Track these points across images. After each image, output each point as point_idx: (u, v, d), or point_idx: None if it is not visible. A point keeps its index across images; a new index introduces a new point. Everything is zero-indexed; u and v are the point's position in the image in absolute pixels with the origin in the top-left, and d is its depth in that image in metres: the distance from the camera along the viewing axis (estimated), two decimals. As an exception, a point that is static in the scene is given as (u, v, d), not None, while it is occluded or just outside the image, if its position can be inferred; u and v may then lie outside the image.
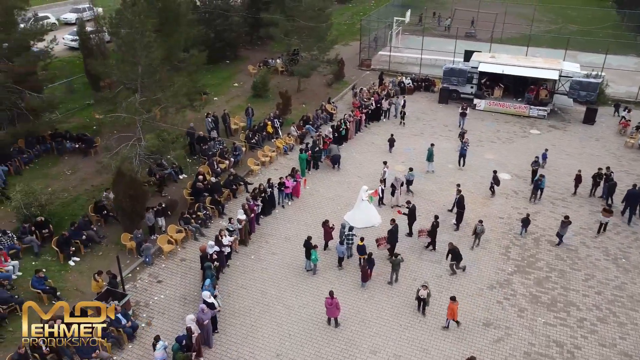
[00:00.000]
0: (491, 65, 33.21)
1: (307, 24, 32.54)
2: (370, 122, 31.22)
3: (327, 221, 19.46)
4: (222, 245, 18.01)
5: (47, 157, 25.50)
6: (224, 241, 18.10)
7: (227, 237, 18.31)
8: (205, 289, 15.88)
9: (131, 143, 19.80)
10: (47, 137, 25.59)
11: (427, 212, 22.59)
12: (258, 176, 25.29)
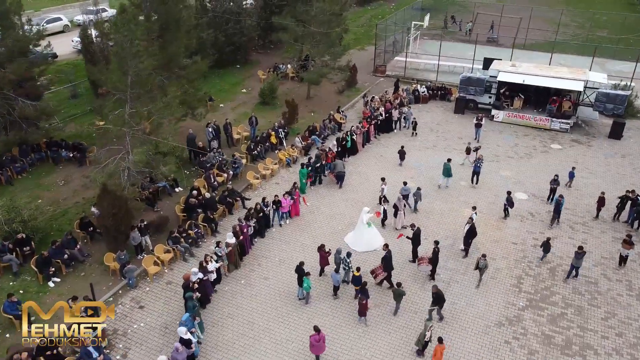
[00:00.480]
0: (511, 74, 31.34)
1: (316, 29, 31.16)
2: (380, 133, 29.70)
3: (322, 246, 18.09)
4: (207, 271, 16.76)
5: (42, 166, 24.74)
6: (210, 267, 16.86)
7: (212, 263, 17.05)
8: (181, 324, 14.65)
9: (119, 157, 18.71)
10: (42, 146, 24.84)
11: (435, 235, 21.03)
12: (258, 190, 24.07)
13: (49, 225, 20.24)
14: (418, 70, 41.16)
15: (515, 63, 32.88)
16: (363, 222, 19.80)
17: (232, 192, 22.44)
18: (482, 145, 28.67)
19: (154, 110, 18.84)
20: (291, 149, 26.66)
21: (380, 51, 42.22)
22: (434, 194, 24.01)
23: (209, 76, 36.91)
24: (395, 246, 19.95)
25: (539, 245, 20.37)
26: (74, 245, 18.71)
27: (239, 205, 22.52)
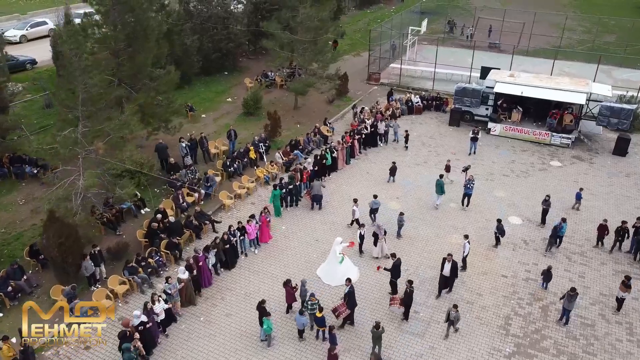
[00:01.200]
0: (509, 85, 29.51)
1: (301, 37, 29.51)
2: (366, 147, 27.97)
3: (289, 281, 16.42)
4: (154, 313, 15.14)
5: (3, 182, 23.21)
6: (156, 308, 15.22)
7: (160, 304, 15.41)
8: None
9: (70, 180, 17.16)
10: (4, 161, 23.36)
11: (418, 265, 19.36)
12: (231, 211, 22.46)
13: (1, 251, 18.72)
14: (414, 78, 39.42)
15: (514, 73, 31.05)
16: (336, 254, 18.14)
17: (201, 215, 20.84)
18: (476, 162, 26.94)
19: (109, 129, 17.23)
20: (270, 166, 24.99)
21: (376, 58, 40.48)
22: (419, 217, 22.29)
23: (194, 84, 35.45)
24: (373, 278, 18.35)
25: (530, 278, 18.65)
26: (21, 275, 17.19)
27: (209, 229, 20.93)
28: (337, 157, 25.25)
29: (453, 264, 17.11)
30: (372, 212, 21.48)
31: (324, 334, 15.74)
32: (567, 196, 23.94)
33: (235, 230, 18.91)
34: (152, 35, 21.81)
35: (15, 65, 33.13)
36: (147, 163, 22.41)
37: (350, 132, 27.16)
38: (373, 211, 21.42)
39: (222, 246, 18.03)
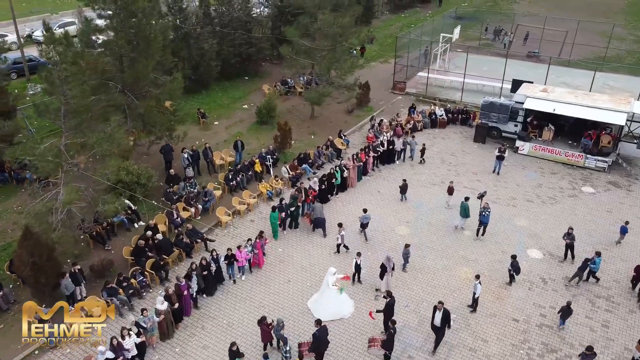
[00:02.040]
0: (540, 101, 27.21)
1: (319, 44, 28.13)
2: (381, 164, 26.31)
3: (264, 318, 15.05)
4: (123, 349, 14.01)
5: (5, 187, 22.89)
6: (126, 344, 14.07)
7: (131, 338, 14.26)
8: None
9: (51, 194, 16.39)
10: (7, 166, 23.01)
11: (420, 301, 17.65)
12: (228, 229, 21.32)
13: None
14: (443, 88, 37.35)
15: (547, 88, 28.68)
16: (328, 286, 16.67)
17: (193, 233, 19.76)
18: (499, 184, 24.90)
19: (92, 142, 16.36)
20: (275, 181, 23.70)
21: (403, 66, 38.60)
22: (428, 245, 20.52)
23: (212, 88, 34.68)
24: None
25: (545, 324, 16.66)
26: None
27: (201, 248, 19.86)
28: (348, 176, 23.66)
29: (445, 313, 15.16)
30: (363, 227, 20.36)
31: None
32: (597, 228, 21.70)
33: (218, 256, 17.63)
34: (155, 42, 20.89)
35: (36, 66, 33.16)
36: (145, 174, 21.52)
37: (365, 148, 25.51)
38: (363, 226, 20.31)
39: (199, 272, 16.79)
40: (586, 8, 61.07)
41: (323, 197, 22.34)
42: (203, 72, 32.88)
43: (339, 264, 18.76)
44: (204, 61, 32.40)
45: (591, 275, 18.56)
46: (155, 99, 21.56)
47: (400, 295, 17.79)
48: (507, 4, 66.76)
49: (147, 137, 23.12)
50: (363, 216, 20.23)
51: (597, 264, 18.18)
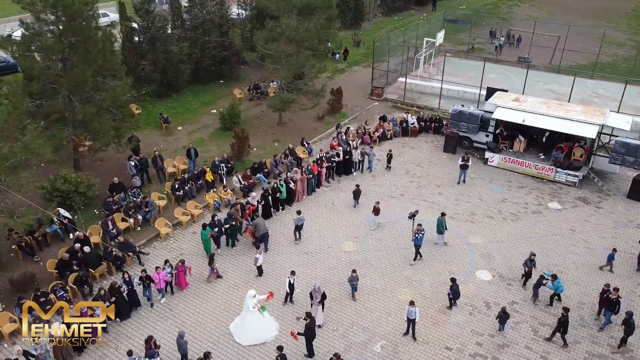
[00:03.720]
0: (510, 111, 26.04)
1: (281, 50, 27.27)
2: (339, 175, 25.34)
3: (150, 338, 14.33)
4: None
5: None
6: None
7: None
8: None
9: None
10: None
11: (349, 326, 16.69)
12: (167, 241, 20.57)
13: None
14: (423, 94, 36.18)
15: (520, 97, 27.48)
16: (249, 309, 15.80)
17: (125, 245, 19.03)
18: (462, 197, 23.87)
19: (9, 152, 15.71)
20: (223, 191, 22.88)
21: (384, 71, 37.55)
22: (372, 264, 19.56)
23: (184, 92, 34.02)
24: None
25: (479, 354, 15.63)
26: None
27: (134, 262, 19.13)
28: (296, 190, 22.75)
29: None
30: (297, 229, 20.07)
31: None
32: (556, 248, 20.52)
33: (131, 278, 16.77)
34: (95, 48, 20.21)
35: (7, 67, 32.83)
36: (85, 182, 20.88)
37: (317, 159, 24.55)
38: (298, 228, 20.00)
39: (108, 297, 15.96)
40: (590, 12, 59.37)
41: (265, 213, 21.43)
42: (171, 76, 32.21)
43: (273, 284, 17.92)
44: (172, 65, 31.71)
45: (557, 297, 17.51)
46: (98, 105, 20.78)
47: (330, 317, 16.97)
48: (507, 7, 65.24)
49: (92, 144, 22.43)
50: (297, 218, 19.87)
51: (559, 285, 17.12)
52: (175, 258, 18.81)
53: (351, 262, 19.52)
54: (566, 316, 15.57)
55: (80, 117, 20.70)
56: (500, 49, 45.56)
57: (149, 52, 30.82)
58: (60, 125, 22.28)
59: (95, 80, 21.47)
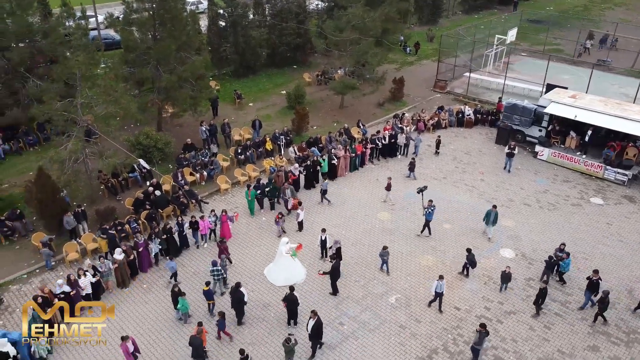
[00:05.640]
0: (563, 107, 26.41)
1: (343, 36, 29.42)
2: (383, 157, 27.13)
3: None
4: (77, 285, 16.53)
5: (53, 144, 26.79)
6: (82, 282, 16.57)
7: (87, 278, 16.70)
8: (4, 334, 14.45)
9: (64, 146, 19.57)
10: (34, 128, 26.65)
11: (370, 280, 18.61)
12: (225, 196, 23.56)
13: (19, 198, 21.82)
14: (488, 89, 36.81)
15: (577, 94, 27.64)
16: (282, 254, 18.19)
17: (190, 194, 22.25)
18: (504, 184, 24.82)
19: (102, 103, 19.32)
20: (279, 159, 25.55)
21: (451, 66, 38.48)
22: (403, 232, 21.25)
23: (260, 74, 37.25)
24: (317, 283, 18.12)
25: (485, 316, 16.95)
26: (20, 219, 20.08)
27: (195, 208, 22.27)
28: (338, 165, 24.84)
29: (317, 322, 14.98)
30: (323, 193, 22.37)
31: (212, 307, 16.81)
32: (587, 238, 21.05)
33: (182, 222, 19.62)
34: (180, 25, 23.56)
35: (112, 44, 37.68)
36: (163, 140, 24.37)
37: (362, 140, 26.51)
38: (323, 192, 22.34)
39: (161, 235, 18.96)
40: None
41: (307, 183, 23.72)
42: (249, 59, 35.48)
43: (308, 239, 20.23)
44: (250, 48, 34.95)
45: (558, 275, 18.38)
46: (179, 75, 24.15)
47: (355, 271, 18.96)
48: (599, 9, 62.80)
49: (173, 109, 25.95)
50: (323, 183, 22.09)
51: (567, 264, 18.01)
52: (230, 210, 21.63)
53: (383, 229, 21.39)
54: (545, 289, 16.57)
55: (164, 84, 24.10)
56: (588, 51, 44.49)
57: (231, 36, 34.22)
58: (147, 91, 26.09)
59: (179, 54, 24.90)
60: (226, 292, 17.52)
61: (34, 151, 25.95)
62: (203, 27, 36.61)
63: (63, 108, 19.10)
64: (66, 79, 20.20)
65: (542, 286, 16.79)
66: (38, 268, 18.81)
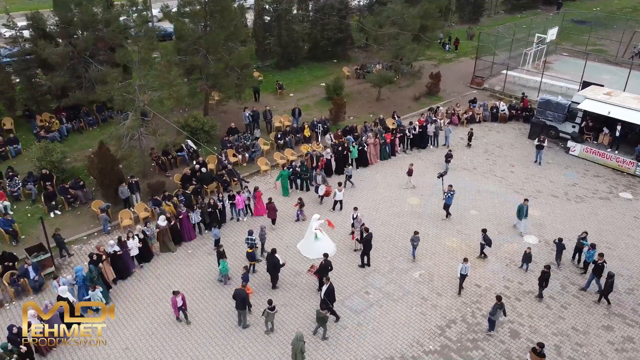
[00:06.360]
0: (596, 103, 26.81)
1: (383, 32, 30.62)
2: (413, 148, 28.21)
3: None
4: (126, 247, 18.40)
5: (113, 123, 29.21)
6: (130, 244, 18.46)
7: (134, 241, 18.59)
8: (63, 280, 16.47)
9: (123, 123, 21.67)
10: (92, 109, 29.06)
11: (396, 256, 19.84)
12: (264, 177, 25.22)
13: (81, 170, 24.15)
14: (525, 87, 37.18)
15: (612, 91, 27.93)
16: (313, 229, 19.60)
17: (232, 172, 24.02)
18: (533, 177, 25.51)
19: (157, 86, 21.31)
20: (315, 144, 27.05)
21: (489, 63, 39.03)
22: (431, 216, 22.33)
23: (301, 67, 38.90)
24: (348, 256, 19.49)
25: (504, 294, 17.85)
26: (81, 188, 22.32)
27: (237, 186, 24.02)
28: (369, 152, 26.08)
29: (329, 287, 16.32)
30: (347, 178, 23.67)
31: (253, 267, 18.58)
32: (612, 229, 21.60)
33: (223, 197, 21.33)
34: (228, 16, 25.39)
35: (165, 35, 40.06)
36: (209, 123, 26.27)
37: (393, 129, 27.68)
38: (348, 177, 23.66)
39: (205, 208, 20.71)
40: None
41: (338, 168, 25.14)
42: (291, 52, 37.17)
43: (341, 218, 21.63)
44: (293, 41, 36.61)
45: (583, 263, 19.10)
46: (226, 63, 25.99)
47: (382, 247, 20.22)
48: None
49: (219, 97, 27.85)
50: (348, 169, 23.60)
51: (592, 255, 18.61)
52: (267, 190, 23.27)
53: (412, 212, 22.56)
54: (548, 272, 17.26)
55: (212, 71, 25.97)
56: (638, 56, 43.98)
57: (275, 30, 35.99)
58: (195, 79, 28.08)
59: (227, 44, 26.75)
60: (262, 260, 19.10)
61: (93, 130, 28.38)
62: (249, 21, 38.71)
63: (123, 89, 21.15)
64: (127, 62, 22.24)
65: (544, 269, 17.41)
66: (96, 232, 20.94)
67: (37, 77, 27.65)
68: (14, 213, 21.28)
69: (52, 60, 25.32)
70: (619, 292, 18.19)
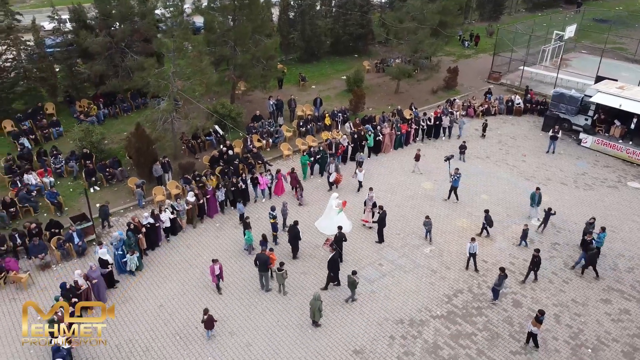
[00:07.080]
0: (608, 96, 27.68)
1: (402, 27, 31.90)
2: (428, 138, 29.45)
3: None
4: (159, 220, 20.03)
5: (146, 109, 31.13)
6: (162, 216, 20.06)
7: (166, 214, 20.20)
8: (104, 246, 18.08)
9: (158, 107, 23.46)
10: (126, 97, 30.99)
11: (409, 234, 21.18)
12: (287, 161, 26.76)
13: (117, 151, 26.06)
14: (541, 83, 38.08)
15: (625, 85, 28.75)
16: (332, 207, 20.96)
17: (256, 155, 25.65)
18: (544, 166, 26.55)
19: (189, 73, 23.04)
20: (335, 132, 28.52)
21: (507, 59, 39.97)
22: (442, 197, 23.59)
23: (323, 60, 40.43)
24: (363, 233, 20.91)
25: (510, 269, 19.07)
26: (118, 166, 24.20)
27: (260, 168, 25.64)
28: (383, 142, 27.40)
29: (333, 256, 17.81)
30: (359, 164, 24.46)
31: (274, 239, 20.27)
32: (618, 215, 22.58)
33: (246, 178, 22.84)
34: (255, 10, 27.01)
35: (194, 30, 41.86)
36: (236, 110, 27.93)
37: (409, 120, 28.96)
38: (359, 163, 24.46)
39: (229, 187, 22.30)
40: None
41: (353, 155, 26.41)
42: (314, 46, 38.69)
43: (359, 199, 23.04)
44: (315, 36, 38.14)
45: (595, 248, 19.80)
46: (253, 54, 27.62)
47: (396, 226, 21.57)
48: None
49: (245, 87, 29.50)
50: (360, 155, 24.64)
51: (602, 239, 19.56)
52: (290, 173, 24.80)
53: (425, 195, 23.85)
54: (538, 256, 18.18)
55: (239, 62, 27.63)
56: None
57: (299, 24, 37.56)
58: (224, 69, 29.78)
59: (254, 36, 28.37)
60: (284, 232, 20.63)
61: (127, 116, 30.33)
62: (274, 17, 40.35)
63: (159, 75, 22.93)
64: (162, 51, 24.05)
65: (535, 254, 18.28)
66: (132, 206, 22.76)
67: (77, 66, 29.75)
68: (57, 188, 23.23)
69: (92, 49, 27.33)
70: (620, 270, 19.26)
